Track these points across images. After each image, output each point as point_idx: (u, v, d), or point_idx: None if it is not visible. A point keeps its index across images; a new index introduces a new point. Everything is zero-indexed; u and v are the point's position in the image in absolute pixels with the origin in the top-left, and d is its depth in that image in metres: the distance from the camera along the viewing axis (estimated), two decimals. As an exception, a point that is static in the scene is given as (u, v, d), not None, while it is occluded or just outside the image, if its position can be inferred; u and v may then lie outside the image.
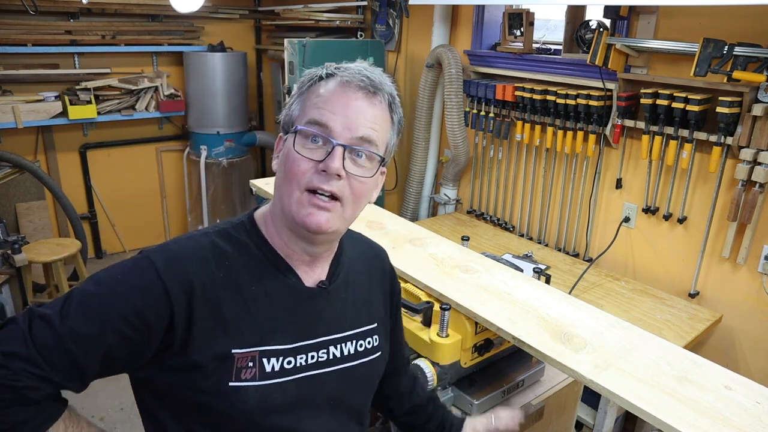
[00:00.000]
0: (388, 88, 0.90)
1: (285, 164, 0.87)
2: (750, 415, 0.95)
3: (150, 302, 0.81)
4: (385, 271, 1.11)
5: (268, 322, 0.88)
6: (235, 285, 0.87)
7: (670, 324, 2.14)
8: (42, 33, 3.66)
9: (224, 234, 0.92)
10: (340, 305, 0.97)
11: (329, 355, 0.94)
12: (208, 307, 0.84)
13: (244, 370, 0.85)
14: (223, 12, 4.35)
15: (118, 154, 4.33)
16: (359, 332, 0.99)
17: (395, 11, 3.59)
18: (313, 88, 0.88)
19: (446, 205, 3.45)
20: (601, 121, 2.52)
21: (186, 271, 0.84)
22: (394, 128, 0.94)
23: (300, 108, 0.89)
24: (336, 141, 0.84)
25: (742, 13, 2.06)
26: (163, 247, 0.87)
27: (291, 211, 0.86)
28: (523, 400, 1.45)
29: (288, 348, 0.89)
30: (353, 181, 0.86)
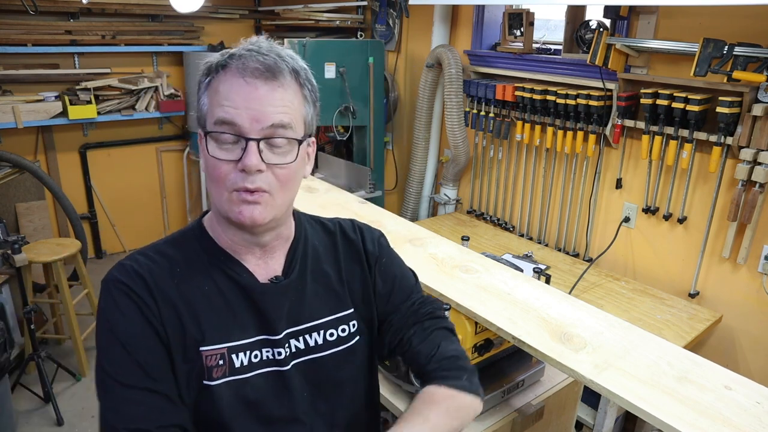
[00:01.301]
0: (289, 64, 0.84)
1: (207, 168, 0.86)
2: (750, 415, 0.95)
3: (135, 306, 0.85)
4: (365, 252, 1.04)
5: (228, 319, 0.89)
6: (189, 288, 0.88)
7: (670, 324, 2.14)
8: (42, 33, 3.66)
9: (173, 242, 0.94)
10: (298, 297, 0.95)
11: (291, 348, 0.93)
12: (169, 307, 0.86)
13: (215, 368, 0.86)
14: (223, 12, 4.35)
15: (118, 154, 4.32)
16: (325, 322, 0.96)
17: (395, 11, 3.59)
18: (213, 83, 0.84)
19: (446, 205, 3.45)
20: (601, 121, 2.52)
21: (140, 275, 0.86)
22: (308, 101, 0.88)
23: (206, 104, 0.85)
24: (247, 136, 0.81)
25: (742, 13, 2.06)
26: (117, 264, 0.90)
27: (225, 211, 0.86)
28: (523, 400, 1.45)
29: (251, 341, 0.90)
30: (276, 170, 0.84)
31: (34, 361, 2.70)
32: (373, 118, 3.36)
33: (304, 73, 0.88)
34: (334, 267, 1.01)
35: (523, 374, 1.46)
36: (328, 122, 3.23)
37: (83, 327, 3.13)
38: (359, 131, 3.44)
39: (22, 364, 2.83)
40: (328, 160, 3.53)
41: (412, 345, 1.01)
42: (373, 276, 1.04)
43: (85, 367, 2.98)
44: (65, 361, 2.97)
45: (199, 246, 0.92)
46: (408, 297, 1.06)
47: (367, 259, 1.04)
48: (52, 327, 3.20)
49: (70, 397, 2.81)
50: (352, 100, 3.23)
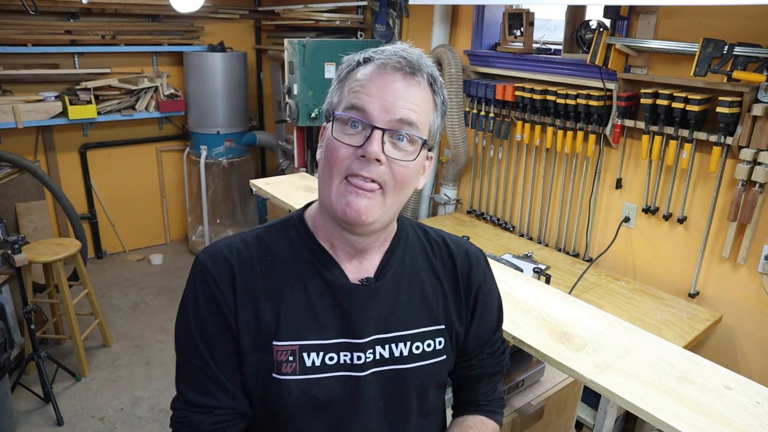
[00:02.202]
0: (427, 69, 0.86)
1: (325, 152, 0.85)
2: (750, 415, 0.95)
3: (213, 299, 0.87)
4: (457, 268, 0.99)
5: (306, 317, 0.88)
6: (275, 279, 0.89)
7: (670, 324, 2.14)
8: (42, 33, 3.66)
9: (271, 230, 0.94)
10: (388, 303, 0.91)
11: (376, 355, 0.90)
12: (248, 297, 0.87)
13: (285, 363, 0.86)
14: (223, 12, 4.35)
15: (118, 154, 4.33)
16: (414, 333, 0.93)
17: (395, 11, 3.58)
18: (351, 74, 0.87)
19: (446, 205, 3.45)
20: (601, 121, 2.51)
21: (227, 261, 0.88)
22: (437, 110, 0.88)
23: (339, 95, 0.87)
24: (374, 124, 0.81)
25: (742, 13, 2.06)
26: (213, 245, 0.93)
27: (331, 202, 0.84)
28: (523, 400, 1.45)
29: (329, 343, 0.87)
30: (394, 166, 0.82)
31: (34, 361, 2.70)
32: (373, 118, 3.36)
33: (440, 84, 0.89)
34: (432, 277, 0.97)
35: (523, 374, 1.46)
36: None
37: (83, 327, 3.13)
38: (359, 131, 3.43)
39: (22, 364, 2.83)
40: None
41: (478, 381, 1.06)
42: (471, 300, 1.00)
43: (85, 367, 2.98)
44: (65, 361, 2.97)
45: (296, 236, 0.92)
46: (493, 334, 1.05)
47: (468, 282, 1.00)
48: (52, 327, 3.20)
49: (70, 397, 2.82)
50: (352, 100, 3.22)
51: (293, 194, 1.93)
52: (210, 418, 0.86)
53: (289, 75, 3.17)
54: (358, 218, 0.82)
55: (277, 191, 1.93)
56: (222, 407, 0.87)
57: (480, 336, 1.02)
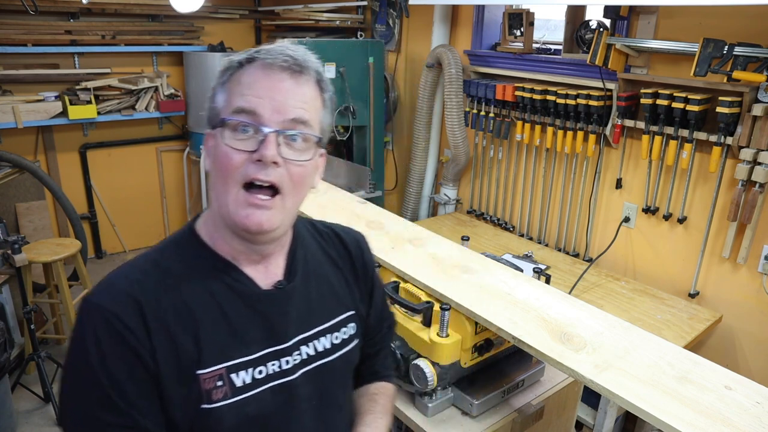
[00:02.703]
0: (314, 66, 0.84)
1: (216, 161, 0.81)
2: (750, 415, 0.95)
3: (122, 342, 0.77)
4: (352, 255, 1.04)
5: (228, 336, 0.83)
6: (184, 303, 0.82)
7: (670, 324, 2.14)
8: (42, 33, 3.66)
9: (165, 253, 0.87)
10: (304, 301, 0.92)
11: (303, 355, 0.90)
12: (162, 329, 0.79)
13: (214, 390, 0.80)
14: (223, 12, 4.35)
15: (118, 154, 4.32)
16: (332, 325, 0.95)
17: (395, 11, 3.59)
18: (235, 75, 0.82)
19: (446, 205, 3.45)
20: (601, 121, 2.51)
21: (129, 296, 0.79)
22: (326, 107, 0.88)
23: (224, 99, 0.82)
24: (267, 127, 0.78)
25: (742, 13, 2.06)
26: (103, 281, 0.83)
27: (229, 213, 0.80)
28: (523, 400, 1.45)
29: (255, 357, 0.84)
30: (291, 166, 0.81)
31: (34, 361, 2.70)
32: (373, 118, 3.36)
33: (326, 80, 0.88)
34: (333, 268, 1.00)
35: (523, 374, 1.46)
36: (328, 122, 3.23)
37: (83, 327, 3.13)
38: (359, 131, 3.44)
39: (22, 364, 2.83)
40: (328, 160, 3.52)
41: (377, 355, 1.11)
42: (369, 282, 1.05)
43: (85, 367, 2.97)
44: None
45: (194, 255, 0.86)
46: (387, 308, 1.13)
47: (364, 265, 1.04)
48: (52, 327, 3.20)
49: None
50: (352, 100, 3.22)
51: (293, 194, 1.93)
52: None
53: (289, 75, 3.17)
54: (261, 228, 0.81)
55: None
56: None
57: (379, 313, 1.09)
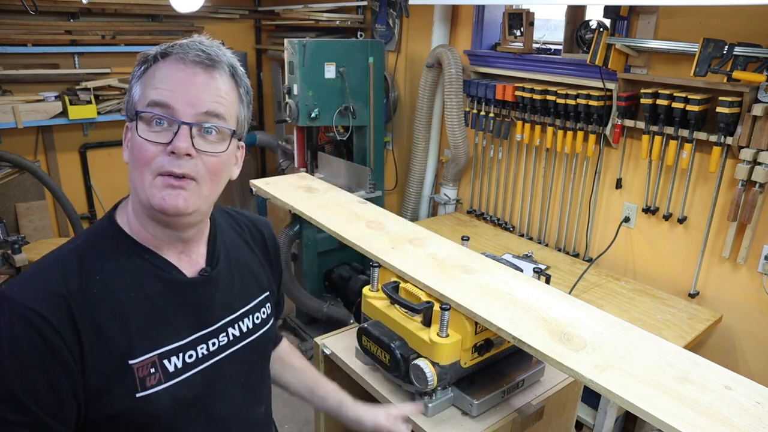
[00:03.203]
0: (227, 59, 0.88)
1: (132, 152, 0.83)
2: (750, 415, 0.95)
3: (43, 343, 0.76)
4: (265, 237, 1.12)
5: (158, 324, 0.86)
6: (111, 295, 0.83)
7: (670, 324, 2.14)
8: (42, 33, 3.66)
9: (86, 247, 0.86)
10: (228, 286, 0.97)
11: (228, 337, 0.95)
12: (89, 324, 0.79)
13: (148, 377, 0.83)
14: (223, 12, 4.35)
15: (118, 154, 4.32)
16: (252, 306, 1.02)
17: (395, 11, 3.59)
18: (150, 70, 0.85)
19: (446, 205, 3.45)
20: (601, 121, 2.52)
21: (54, 293, 0.79)
22: (242, 101, 0.91)
23: (139, 92, 0.84)
24: (180, 120, 0.81)
25: (742, 13, 2.06)
26: (21, 278, 0.82)
27: (147, 198, 0.83)
28: (523, 400, 1.45)
29: (185, 343, 0.89)
30: (206, 157, 0.84)
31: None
32: (373, 118, 3.36)
33: (241, 73, 0.91)
34: (249, 252, 1.07)
35: (523, 374, 1.46)
36: (328, 122, 3.23)
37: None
38: (359, 131, 3.44)
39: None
40: (328, 160, 3.53)
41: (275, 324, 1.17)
42: (275, 264, 1.14)
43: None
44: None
45: (117, 245, 0.87)
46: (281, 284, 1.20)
47: (275, 247, 1.14)
48: (52, 327, 3.20)
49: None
50: (352, 100, 3.23)
51: (293, 194, 1.93)
52: None
53: (289, 75, 3.17)
54: (177, 210, 0.83)
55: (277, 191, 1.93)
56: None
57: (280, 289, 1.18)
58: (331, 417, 1.26)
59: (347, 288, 3.24)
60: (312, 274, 3.33)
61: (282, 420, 2.71)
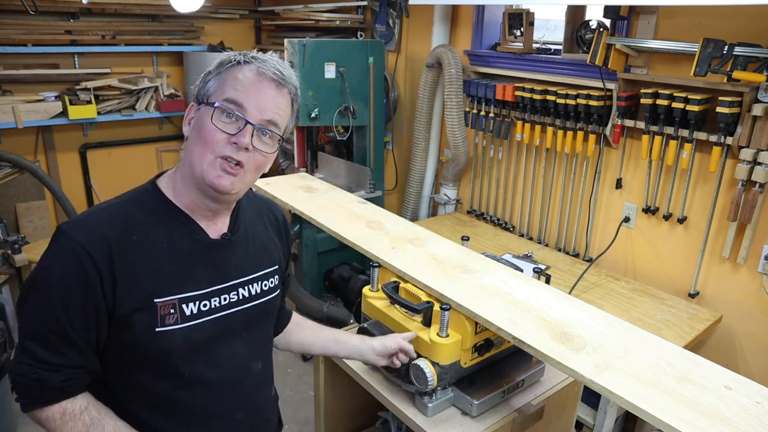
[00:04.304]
0: (293, 82, 1.06)
1: (200, 132, 0.99)
2: (750, 415, 0.95)
3: (85, 277, 0.94)
4: (279, 220, 1.29)
5: (182, 273, 1.02)
6: (148, 243, 1.00)
7: (670, 324, 2.14)
8: (42, 33, 3.66)
9: (132, 201, 1.05)
10: (243, 253, 1.13)
11: (239, 296, 1.11)
12: (126, 265, 0.96)
13: (167, 316, 0.99)
14: (223, 12, 4.35)
15: (118, 154, 4.33)
16: (261, 275, 1.16)
17: (395, 11, 3.59)
18: (232, 70, 1.01)
19: (446, 205, 3.45)
20: (601, 121, 2.52)
21: (102, 236, 0.96)
22: (293, 115, 1.10)
23: (217, 85, 1.01)
24: (248, 120, 0.99)
25: (742, 13, 2.06)
26: (79, 218, 1.01)
27: (202, 172, 0.99)
28: (523, 400, 1.45)
29: (203, 293, 1.04)
30: (257, 154, 1.02)
31: (34, 361, 2.70)
32: (373, 118, 3.36)
33: (298, 94, 1.10)
34: (264, 229, 1.23)
35: (523, 374, 1.46)
36: (328, 122, 3.23)
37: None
38: (359, 131, 3.44)
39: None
40: (328, 160, 3.53)
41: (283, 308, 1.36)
42: (285, 244, 1.29)
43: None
44: (65, 361, 2.97)
45: (157, 205, 1.04)
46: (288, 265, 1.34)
47: (286, 230, 1.30)
48: (52, 327, 3.20)
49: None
50: (352, 100, 3.23)
51: (293, 194, 1.92)
52: (59, 376, 0.95)
53: (289, 75, 3.17)
54: (225, 189, 1.00)
55: (277, 191, 1.93)
56: (71, 366, 0.96)
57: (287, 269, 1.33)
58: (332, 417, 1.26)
59: (347, 288, 3.24)
60: (312, 274, 3.33)
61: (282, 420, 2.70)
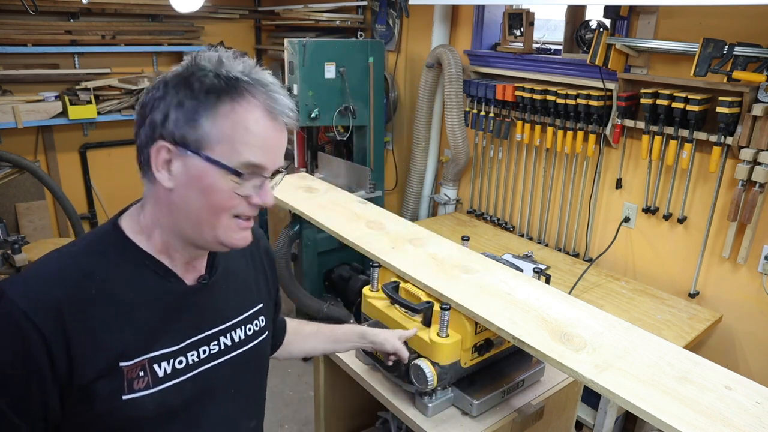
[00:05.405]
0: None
1: (209, 196, 0.82)
2: (750, 415, 0.95)
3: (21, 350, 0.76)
4: (261, 250, 1.12)
5: (153, 328, 0.86)
6: (110, 298, 0.83)
7: (670, 324, 2.14)
8: (42, 33, 3.66)
9: (89, 248, 0.88)
10: (223, 295, 0.98)
11: (220, 346, 0.96)
12: (83, 327, 0.79)
13: (136, 380, 0.83)
14: (223, 12, 4.35)
15: (118, 154, 4.33)
16: (245, 317, 1.02)
17: (395, 11, 3.59)
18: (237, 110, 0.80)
19: (446, 205, 3.45)
20: (601, 121, 2.52)
21: (50, 295, 0.79)
22: None
23: (219, 133, 0.80)
24: (268, 176, 0.86)
25: (742, 13, 2.06)
26: (22, 278, 0.82)
27: (217, 237, 0.86)
28: (523, 400, 1.45)
29: (177, 348, 0.89)
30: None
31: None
32: (373, 118, 3.36)
33: None
34: (244, 263, 1.07)
35: (523, 374, 1.46)
36: (328, 122, 3.23)
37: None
38: (359, 131, 3.44)
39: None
40: (328, 160, 3.53)
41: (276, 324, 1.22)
42: (272, 276, 1.14)
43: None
44: (65, 361, 2.97)
45: (119, 251, 0.87)
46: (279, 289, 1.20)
47: (269, 259, 1.14)
48: (52, 327, 3.20)
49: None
50: (352, 100, 3.23)
51: (293, 194, 1.93)
52: None
53: (289, 75, 3.17)
54: (246, 243, 0.89)
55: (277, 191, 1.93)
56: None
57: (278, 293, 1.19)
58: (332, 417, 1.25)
59: (347, 288, 3.24)
60: (312, 274, 3.33)
61: (282, 420, 2.71)
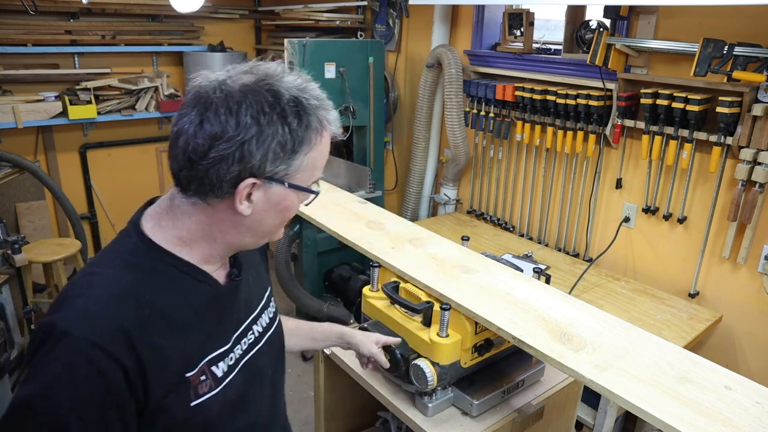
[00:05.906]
0: None
1: (283, 212, 0.89)
2: (750, 415, 0.95)
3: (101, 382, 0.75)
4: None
5: (205, 333, 0.89)
6: (164, 314, 0.83)
7: (670, 324, 2.14)
8: (42, 33, 3.66)
9: (127, 266, 0.84)
10: (247, 286, 1.03)
11: (255, 334, 1.02)
12: (150, 348, 0.80)
13: (200, 385, 0.86)
14: (223, 12, 4.35)
15: (118, 154, 4.33)
16: (264, 302, 1.08)
17: (395, 11, 3.59)
18: (323, 144, 0.92)
19: (446, 205, 3.45)
20: (601, 121, 2.52)
21: (116, 325, 0.77)
22: None
23: (304, 164, 0.88)
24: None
25: (742, 13, 2.06)
26: (73, 313, 0.78)
27: (271, 241, 0.96)
28: (523, 400, 1.45)
29: (228, 347, 0.93)
30: None
31: (34, 361, 2.70)
32: (373, 118, 3.36)
33: None
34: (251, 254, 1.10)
35: (523, 374, 1.46)
36: (328, 122, 3.23)
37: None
38: (359, 131, 3.44)
39: (22, 364, 2.83)
40: (328, 160, 3.52)
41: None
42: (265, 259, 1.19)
43: (85, 367, 2.97)
44: (65, 361, 2.96)
45: (156, 263, 0.86)
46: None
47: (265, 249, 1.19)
48: (52, 327, 3.20)
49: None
50: (352, 100, 3.22)
51: (293, 194, 1.93)
52: None
53: (289, 75, 3.17)
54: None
55: (277, 191, 1.93)
56: None
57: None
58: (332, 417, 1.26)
59: (347, 288, 3.24)
60: (312, 274, 3.33)
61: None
